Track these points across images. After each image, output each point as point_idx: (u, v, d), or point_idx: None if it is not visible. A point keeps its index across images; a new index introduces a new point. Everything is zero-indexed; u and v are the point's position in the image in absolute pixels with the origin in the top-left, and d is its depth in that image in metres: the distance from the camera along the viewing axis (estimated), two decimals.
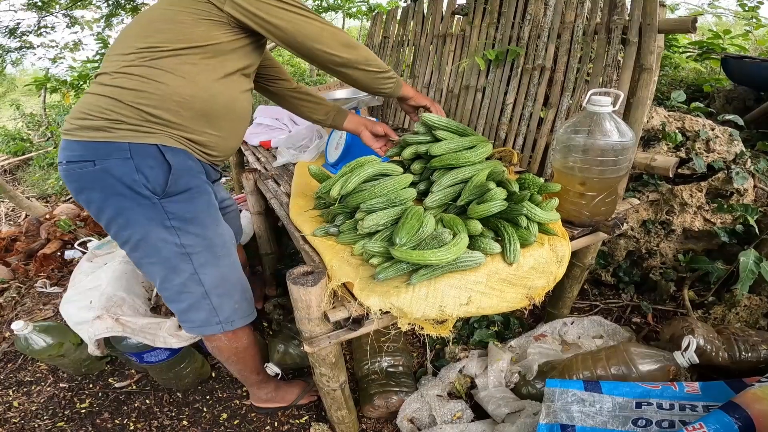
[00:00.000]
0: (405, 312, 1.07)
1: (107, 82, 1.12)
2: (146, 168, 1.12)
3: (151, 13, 1.17)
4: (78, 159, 1.10)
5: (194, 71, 1.14)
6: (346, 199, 1.30)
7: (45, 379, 1.88)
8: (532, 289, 1.21)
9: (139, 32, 1.14)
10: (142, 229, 1.16)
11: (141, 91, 1.10)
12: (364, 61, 1.28)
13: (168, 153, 1.15)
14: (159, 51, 1.11)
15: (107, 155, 1.09)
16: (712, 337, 1.41)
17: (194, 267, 1.22)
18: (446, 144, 1.46)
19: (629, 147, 1.20)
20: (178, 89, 1.13)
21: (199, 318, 1.28)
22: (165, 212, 1.16)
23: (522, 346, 1.55)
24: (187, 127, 1.17)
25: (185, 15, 1.11)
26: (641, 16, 1.40)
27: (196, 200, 1.22)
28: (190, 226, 1.20)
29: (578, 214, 1.30)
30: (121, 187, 1.11)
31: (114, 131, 1.09)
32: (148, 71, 1.11)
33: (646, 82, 1.38)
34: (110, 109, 1.09)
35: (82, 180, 1.12)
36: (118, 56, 1.13)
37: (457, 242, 1.10)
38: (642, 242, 1.86)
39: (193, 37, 1.11)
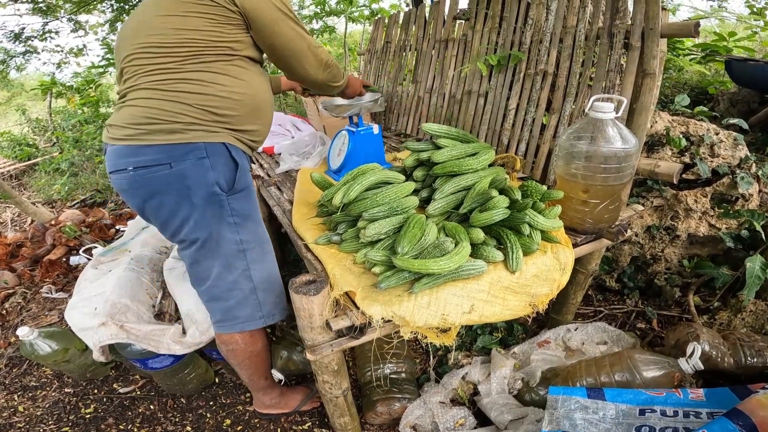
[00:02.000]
0: (407, 320, 1.07)
1: (167, 89, 1.14)
2: (219, 166, 1.18)
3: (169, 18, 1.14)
4: (151, 163, 1.13)
5: (239, 71, 1.21)
6: (348, 207, 1.30)
7: (50, 384, 1.90)
8: (535, 296, 1.20)
9: (168, 39, 1.13)
10: (210, 227, 1.21)
11: (205, 95, 1.16)
12: (332, 80, 1.46)
13: (233, 151, 1.22)
14: (205, 56, 1.15)
15: (184, 156, 1.14)
16: (718, 342, 1.40)
17: (247, 263, 1.27)
18: (448, 151, 1.46)
19: (632, 154, 1.20)
20: (234, 89, 1.20)
21: (244, 314, 1.32)
22: (230, 209, 1.22)
23: (525, 353, 1.54)
24: (244, 123, 1.24)
25: (207, 21, 1.14)
26: (643, 21, 1.39)
27: (250, 197, 1.29)
28: (247, 222, 1.27)
29: (581, 221, 1.29)
30: (197, 187, 1.16)
31: (189, 132, 1.14)
32: (204, 75, 1.16)
33: (650, 88, 1.36)
34: (181, 113, 1.14)
35: (155, 184, 1.15)
36: (160, 64, 1.14)
37: (459, 251, 1.10)
38: (646, 248, 1.85)
39: (228, 42, 1.17)
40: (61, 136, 5.59)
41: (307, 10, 6.52)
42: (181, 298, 1.57)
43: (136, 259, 1.76)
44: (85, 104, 5.61)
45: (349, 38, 8.42)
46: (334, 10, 5.91)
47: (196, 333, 1.51)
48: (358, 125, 1.92)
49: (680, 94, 1.96)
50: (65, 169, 4.65)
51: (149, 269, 1.75)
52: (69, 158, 4.68)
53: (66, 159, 4.70)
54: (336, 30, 6.32)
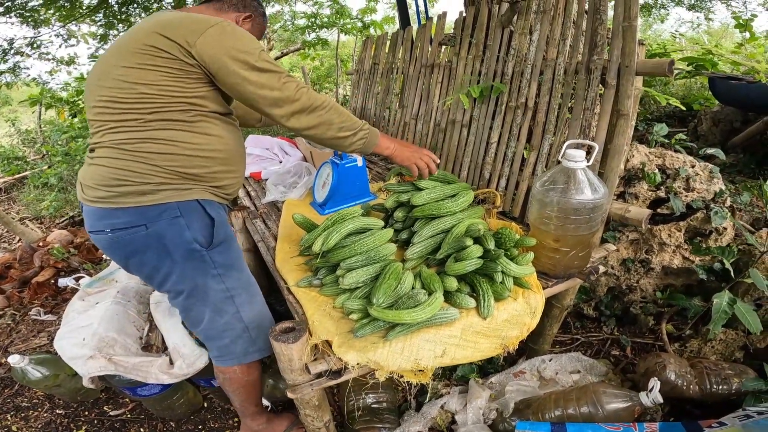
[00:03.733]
0: (381, 365, 1.12)
1: (132, 149, 1.12)
2: (194, 223, 1.20)
3: (125, 74, 1.09)
4: (126, 225, 1.14)
5: (205, 126, 1.19)
6: (328, 254, 1.33)
7: (42, 405, 1.94)
8: (505, 339, 1.25)
9: (126, 94, 1.09)
10: (193, 281, 1.23)
11: (171, 154, 1.15)
12: (326, 127, 1.25)
13: (207, 206, 1.23)
14: (165, 112, 1.11)
15: (158, 217, 1.15)
16: (685, 371, 1.46)
17: (236, 306, 1.31)
18: (427, 193, 1.50)
19: (602, 203, 1.24)
20: (202, 146, 1.19)
21: (240, 349, 1.36)
22: (213, 262, 1.24)
23: (501, 383, 1.59)
24: (214, 177, 1.25)
25: (164, 76, 1.09)
26: (620, 57, 1.37)
27: (231, 247, 1.31)
28: (231, 271, 1.29)
29: (553, 267, 1.34)
30: (174, 246, 1.17)
31: (159, 192, 1.15)
32: (169, 134, 1.13)
33: (623, 129, 1.37)
34: (150, 173, 1.13)
35: (134, 244, 1.16)
36: (123, 122, 1.11)
37: (432, 302, 1.14)
38: (622, 279, 1.90)
39: (188, 96, 1.13)
40: (50, 150, 5.58)
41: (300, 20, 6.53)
42: (168, 333, 1.61)
43: (122, 291, 1.79)
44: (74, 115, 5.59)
45: (342, 48, 8.48)
46: (326, 23, 5.95)
47: (183, 365, 1.55)
48: (342, 158, 1.95)
49: (657, 124, 2.01)
50: (54, 184, 4.64)
51: (135, 302, 1.78)
52: (58, 173, 4.68)
53: (55, 174, 4.69)
54: (329, 42, 6.37)
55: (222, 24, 1.11)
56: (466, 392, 1.60)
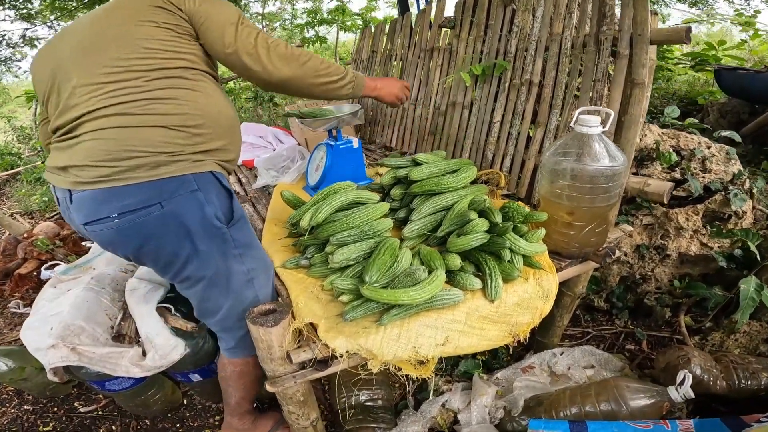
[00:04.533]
0: (375, 354, 0.98)
1: (138, 111, 0.98)
2: (213, 198, 1.06)
3: (126, 31, 1.01)
4: (138, 206, 0.97)
5: (205, 86, 1.09)
6: (317, 230, 1.21)
7: (10, 401, 1.82)
8: (516, 325, 1.12)
9: (128, 54, 0.99)
10: (217, 264, 1.09)
11: (183, 114, 1.01)
12: (313, 72, 1.19)
13: (222, 179, 1.10)
14: (169, 70, 1.02)
15: (174, 192, 0.99)
16: (710, 365, 1.34)
17: (256, 291, 1.16)
18: (427, 168, 1.38)
19: (620, 172, 1.12)
20: (208, 106, 1.07)
21: None
22: (233, 240, 1.10)
23: (509, 379, 1.45)
24: (221, 142, 1.11)
25: (164, 30, 1.02)
26: (631, 27, 1.31)
27: (247, 224, 1.19)
28: (250, 250, 1.16)
29: (566, 245, 1.21)
30: (194, 224, 1.02)
31: (173, 164, 1.00)
32: (174, 92, 1.02)
33: (638, 99, 1.29)
34: (162, 141, 0.98)
35: (147, 228, 0.99)
36: (127, 83, 0.98)
37: (432, 280, 1.01)
38: (636, 267, 1.78)
39: (187, 54, 1.06)
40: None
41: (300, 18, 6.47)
42: (141, 321, 1.47)
43: (96, 278, 1.65)
44: None
45: (342, 47, 8.41)
46: (326, 19, 5.87)
47: (156, 357, 1.41)
48: (337, 139, 1.84)
49: (670, 105, 1.89)
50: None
51: (110, 289, 1.64)
52: None
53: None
54: (328, 40, 6.29)
55: None
56: (470, 389, 1.46)
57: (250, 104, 5.80)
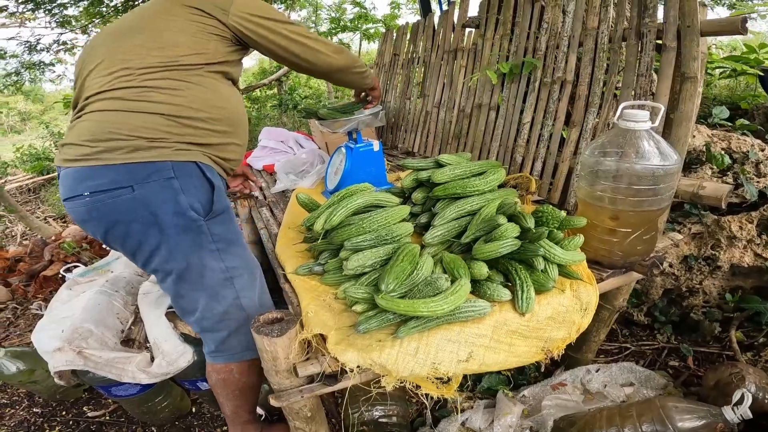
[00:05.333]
0: (389, 370, 0.89)
1: (131, 97, 1.00)
2: (191, 188, 1.03)
3: (155, 22, 1.07)
4: (109, 187, 0.97)
5: (215, 84, 1.10)
6: (331, 234, 1.13)
7: (20, 402, 1.82)
8: (549, 341, 1.00)
9: (149, 43, 1.03)
10: (188, 257, 1.05)
11: (176, 105, 1.02)
12: (353, 64, 1.35)
13: (207, 170, 1.07)
14: (179, 65, 1.04)
15: (147, 177, 0.98)
16: (765, 383, 1.23)
17: (236, 291, 1.12)
18: (451, 170, 1.29)
19: (673, 172, 1.00)
20: (208, 101, 1.07)
21: (240, 344, 1.17)
22: (210, 234, 1.07)
23: (536, 396, 1.33)
24: (218, 140, 1.11)
25: (195, 28, 1.06)
26: (678, 18, 1.21)
27: (231, 220, 1.14)
28: (232, 247, 1.12)
29: (608, 253, 1.09)
30: (165, 213, 1.00)
31: (152, 149, 0.98)
32: (176, 83, 1.03)
33: (690, 94, 1.17)
34: (147, 126, 0.99)
35: (116, 211, 0.98)
36: (133, 70, 1.02)
37: (455, 290, 0.91)
38: (682, 280, 1.62)
39: (208, 52, 1.08)
40: None
41: (324, 26, 6.50)
42: (150, 326, 1.43)
43: (111, 281, 1.63)
44: None
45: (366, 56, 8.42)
46: (348, 26, 5.88)
47: (163, 363, 1.36)
48: (357, 141, 1.77)
49: (717, 106, 1.74)
50: None
51: (124, 292, 1.61)
52: None
53: None
54: (351, 47, 6.29)
55: None
56: (493, 407, 1.34)
57: (275, 112, 5.85)
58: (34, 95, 10.61)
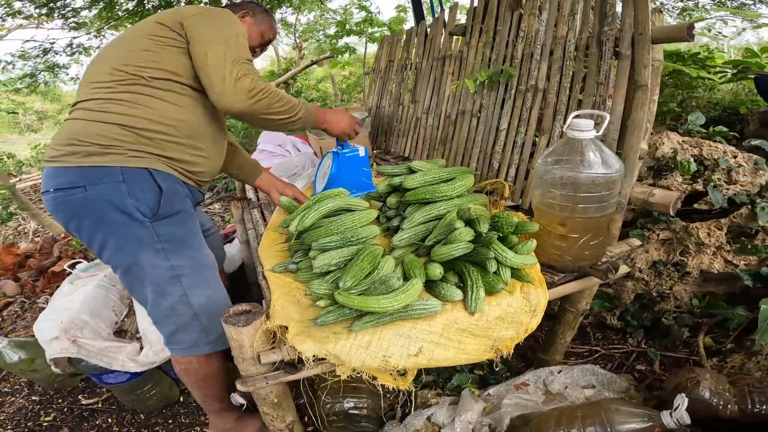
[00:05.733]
0: (342, 360, 0.97)
1: (95, 108, 1.14)
2: (138, 192, 1.14)
3: (126, 41, 1.22)
4: (67, 186, 1.11)
5: (177, 97, 1.20)
6: (304, 235, 1.21)
7: (21, 391, 1.93)
8: (498, 340, 1.07)
9: (118, 59, 1.17)
10: (133, 253, 1.16)
11: (132, 116, 1.14)
12: (267, 109, 1.24)
13: (158, 177, 1.18)
14: (142, 79, 1.16)
15: (98, 180, 1.11)
16: (722, 388, 1.25)
17: (184, 289, 1.21)
18: (421, 176, 1.36)
19: (615, 180, 1.06)
20: (166, 113, 1.18)
21: (189, 339, 1.26)
22: (156, 235, 1.17)
23: (500, 395, 1.39)
24: (176, 149, 1.21)
25: (160, 43, 1.17)
26: (633, 25, 1.25)
27: (184, 223, 1.24)
28: (180, 248, 1.21)
29: (560, 258, 1.15)
30: (112, 212, 1.13)
31: (105, 155, 1.12)
32: (136, 97, 1.15)
33: (642, 102, 1.22)
34: (101, 134, 1.12)
35: (72, 207, 1.13)
36: (99, 83, 1.17)
37: (407, 289, 0.99)
38: (652, 285, 1.66)
39: (168, 66, 1.17)
40: None
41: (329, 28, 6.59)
42: (140, 317, 1.54)
43: (110, 275, 1.75)
44: None
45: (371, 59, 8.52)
46: (354, 30, 5.97)
47: (150, 353, 1.47)
48: (343, 147, 1.85)
49: (693, 113, 1.78)
50: None
51: (121, 286, 1.72)
52: None
53: None
54: (357, 50, 6.38)
55: (215, 9, 1.25)
56: (458, 403, 1.41)
57: None
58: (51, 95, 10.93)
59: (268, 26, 1.52)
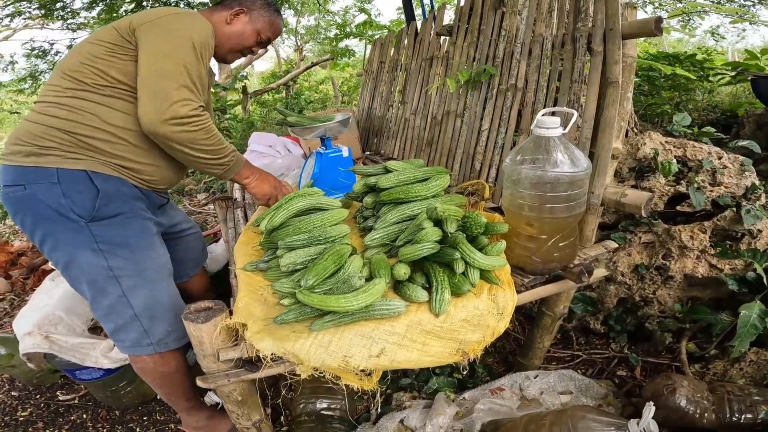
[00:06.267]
0: (301, 359, 0.96)
1: (41, 111, 1.17)
2: (74, 193, 1.14)
3: (81, 47, 1.22)
4: (10, 183, 1.15)
5: (123, 105, 1.18)
6: (273, 234, 1.21)
7: (2, 386, 1.94)
8: (464, 343, 1.06)
9: (71, 65, 1.18)
10: (69, 252, 1.18)
11: (72, 121, 1.15)
12: (188, 143, 1.16)
13: (97, 179, 1.17)
14: (86, 86, 1.16)
15: (35, 179, 1.13)
16: (700, 396, 1.24)
17: (122, 289, 1.21)
18: (395, 176, 1.36)
19: (582, 179, 1.04)
20: (110, 120, 1.17)
21: (129, 338, 1.26)
22: (93, 236, 1.17)
23: (475, 399, 1.37)
24: (122, 156, 1.21)
25: (104, 49, 1.17)
26: (604, 21, 1.23)
27: (127, 225, 1.23)
28: (118, 250, 1.20)
29: (529, 260, 1.13)
30: (49, 211, 1.14)
31: (43, 156, 1.14)
32: (79, 102, 1.16)
33: (613, 99, 1.19)
34: (41, 136, 1.14)
35: (14, 203, 1.16)
36: (51, 86, 1.20)
37: (368, 289, 0.98)
38: (635, 289, 1.63)
39: (114, 73, 1.16)
40: None
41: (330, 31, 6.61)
42: None
43: None
44: None
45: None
46: (353, 33, 5.99)
47: None
48: (326, 147, 1.85)
49: (678, 113, 1.76)
50: None
51: None
52: None
53: None
54: (356, 53, 6.40)
55: (175, 14, 1.20)
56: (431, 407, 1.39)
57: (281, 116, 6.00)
58: None
59: (266, 24, 1.43)
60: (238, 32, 1.39)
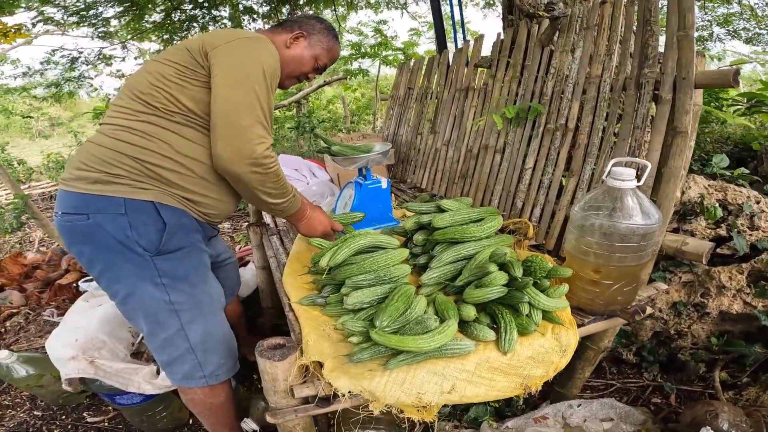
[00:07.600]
0: (377, 396, 0.97)
1: (109, 134, 1.12)
2: (140, 224, 1.11)
3: (150, 65, 1.17)
4: (72, 211, 1.10)
5: (193, 134, 1.15)
6: (334, 271, 1.21)
7: (22, 405, 1.88)
8: (528, 378, 1.07)
9: (140, 85, 1.13)
10: (131, 285, 1.14)
11: (143, 148, 1.10)
12: (258, 185, 1.16)
13: (164, 210, 1.14)
14: (157, 110, 1.12)
15: (101, 209, 1.09)
16: (740, 420, 1.27)
17: (181, 323, 1.19)
18: (450, 216, 1.36)
19: (654, 231, 1.07)
20: (180, 149, 1.13)
21: (182, 371, 1.24)
22: (156, 269, 1.14)
23: (519, 428, 1.38)
24: (187, 188, 1.17)
25: (175, 72, 1.12)
26: (675, 69, 1.22)
27: (187, 258, 1.21)
28: (180, 284, 1.18)
29: (591, 302, 1.15)
30: (112, 242, 1.10)
31: (110, 185, 1.09)
32: (151, 128, 1.11)
33: (680, 149, 1.20)
34: (109, 162, 1.09)
35: (74, 232, 1.11)
36: (121, 108, 1.14)
37: (443, 330, 0.99)
38: (671, 323, 1.66)
39: (186, 101, 1.12)
40: None
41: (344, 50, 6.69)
42: None
43: None
44: None
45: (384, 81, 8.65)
46: (368, 53, 6.07)
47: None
48: (366, 178, 1.85)
49: (718, 154, 1.80)
50: None
51: None
52: None
53: None
54: (370, 73, 6.49)
55: (246, 39, 1.15)
56: None
57: (292, 134, 6.03)
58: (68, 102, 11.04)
59: (324, 49, 1.39)
60: (297, 57, 1.34)
